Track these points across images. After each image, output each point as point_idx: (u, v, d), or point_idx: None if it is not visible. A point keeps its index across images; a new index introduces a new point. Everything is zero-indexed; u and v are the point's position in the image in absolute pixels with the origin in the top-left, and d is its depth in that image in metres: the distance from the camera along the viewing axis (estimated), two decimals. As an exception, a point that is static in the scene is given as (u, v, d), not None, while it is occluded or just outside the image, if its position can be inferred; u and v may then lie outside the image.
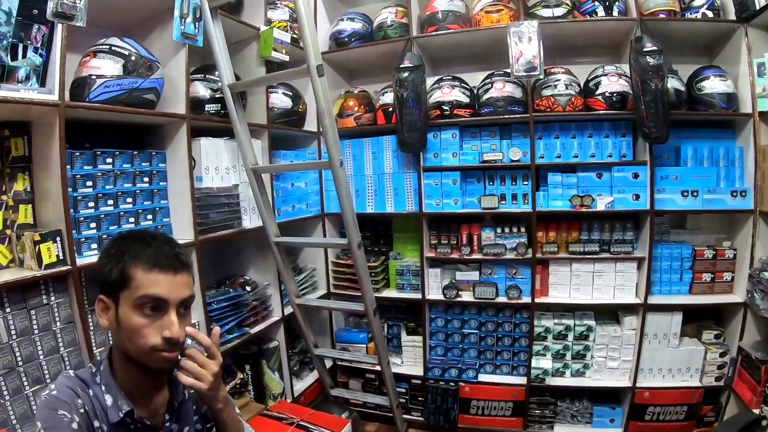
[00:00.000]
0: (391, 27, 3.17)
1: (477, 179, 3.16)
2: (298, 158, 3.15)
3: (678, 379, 2.98)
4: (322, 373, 3.00)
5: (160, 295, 1.17)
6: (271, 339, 2.93)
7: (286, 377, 2.98)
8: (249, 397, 2.69)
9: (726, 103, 2.81)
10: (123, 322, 1.16)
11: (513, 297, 3.04)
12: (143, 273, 1.16)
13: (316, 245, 3.45)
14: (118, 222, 2.01)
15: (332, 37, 3.33)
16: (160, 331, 1.17)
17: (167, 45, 2.24)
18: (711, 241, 3.13)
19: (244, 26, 2.68)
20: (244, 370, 2.72)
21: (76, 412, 1.12)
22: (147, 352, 1.16)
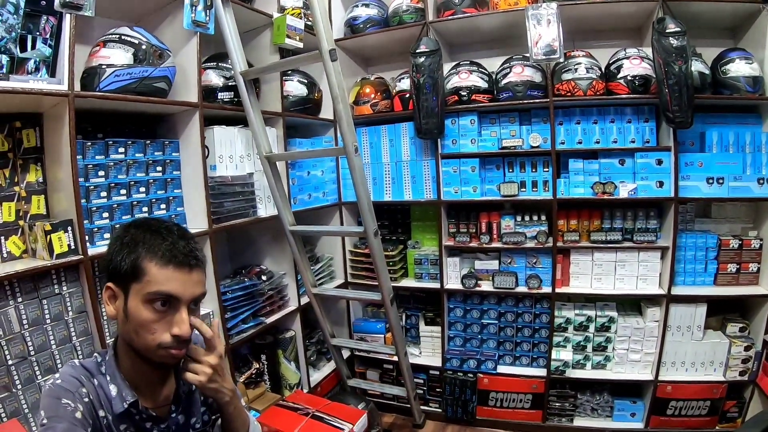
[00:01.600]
0: (406, 12, 3.13)
1: (496, 166, 3.14)
2: (313, 146, 3.13)
3: (701, 373, 2.92)
4: (339, 364, 2.99)
5: (173, 293, 1.15)
6: (288, 329, 2.94)
7: (303, 367, 2.99)
8: (265, 387, 2.70)
9: (752, 86, 2.71)
10: (131, 315, 1.14)
11: (533, 287, 3.00)
12: (157, 268, 1.14)
13: (331, 234, 3.44)
14: (131, 211, 2.03)
15: (347, 23, 3.30)
16: (169, 328, 1.15)
17: (178, 33, 2.23)
18: (737, 230, 3.04)
19: (257, 13, 2.66)
20: (260, 359, 2.72)
21: (80, 401, 1.11)
22: (153, 348, 1.15)
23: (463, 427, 3.23)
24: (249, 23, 2.70)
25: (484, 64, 3.15)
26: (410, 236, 3.52)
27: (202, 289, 1.23)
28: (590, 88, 2.78)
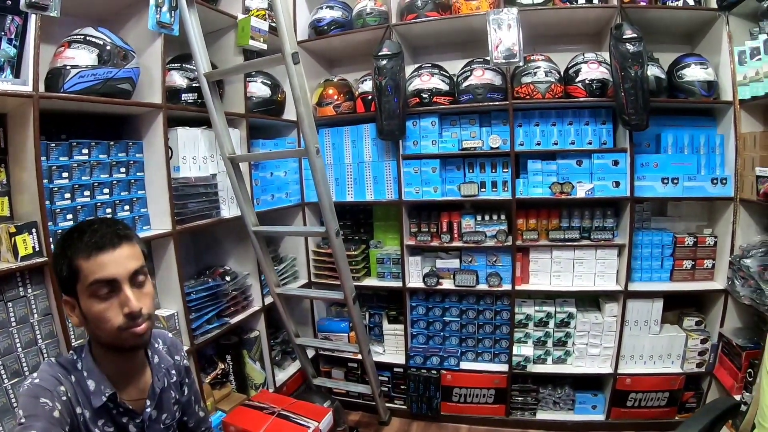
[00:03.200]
0: (370, 15, 3.19)
1: (457, 167, 3.21)
2: (277, 147, 3.18)
3: (659, 365, 3.08)
4: (304, 363, 3.05)
5: (108, 276, 1.19)
6: (252, 329, 2.98)
7: (268, 367, 3.04)
8: (231, 387, 2.75)
9: (707, 90, 2.89)
10: (87, 314, 1.20)
11: (493, 284, 3.11)
12: (85, 261, 1.19)
13: (293, 234, 3.48)
14: (95, 213, 2.04)
15: (311, 25, 3.35)
16: (120, 310, 1.20)
17: (143, 34, 2.25)
18: (692, 228, 3.22)
19: (222, 15, 2.70)
20: (226, 360, 2.77)
21: (59, 400, 1.15)
22: (116, 334, 1.20)
23: (429, 423, 3.32)
24: (213, 24, 2.73)
25: (445, 67, 3.22)
26: (372, 236, 3.58)
27: (138, 262, 1.26)
28: (549, 91, 2.90)
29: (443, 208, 3.29)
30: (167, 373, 1.46)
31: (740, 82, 2.84)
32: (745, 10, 2.79)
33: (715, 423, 1.77)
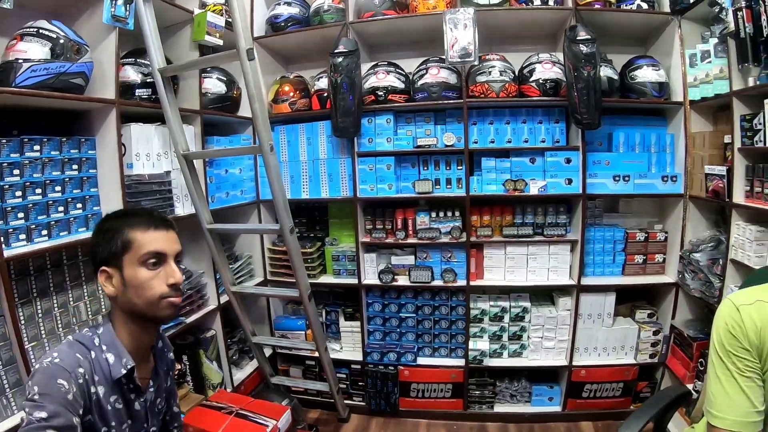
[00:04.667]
0: (327, 12, 3.25)
1: (411, 164, 3.31)
2: (232, 144, 3.21)
3: (613, 357, 3.25)
4: (261, 362, 3.12)
5: (160, 250, 1.41)
6: (208, 328, 3.01)
7: (225, 367, 3.07)
8: (188, 387, 2.76)
9: (658, 91, 3.06)
10: (130, 281, 1.37)
11: (448, 280, 3.21)
12: (142, 234, 1.39)
13: (248, 231, 3.52)
14: (47, 211, 2.03)
15: (269, 21, 3.38)
16: (165, 280, 1.40)
17: (97, 28, 2.25)
18: (643, 224, 3.40)
19: (178, 9, 2.72)
20: (182, 360, 2.78)
21: (75, 383, 1.23)
22: (156, 302, 1.39)
23: (388, 418, 3.40)
24: (169, 19, 2.74)
25: (402, 65, 3.31)
26: (328, 233, 3.65)
27: (180, 246, 1.49)
28: (503, 90, 3.01)
29: (398, 205, 3.37)
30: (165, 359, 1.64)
31: (691, 84, 3.01)
32: (696, 15, 2.95)
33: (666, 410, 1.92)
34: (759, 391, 1.27)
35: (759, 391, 1.27)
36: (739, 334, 1.28)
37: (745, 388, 1.26)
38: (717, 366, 1.33)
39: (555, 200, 3.23)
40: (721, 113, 2.93)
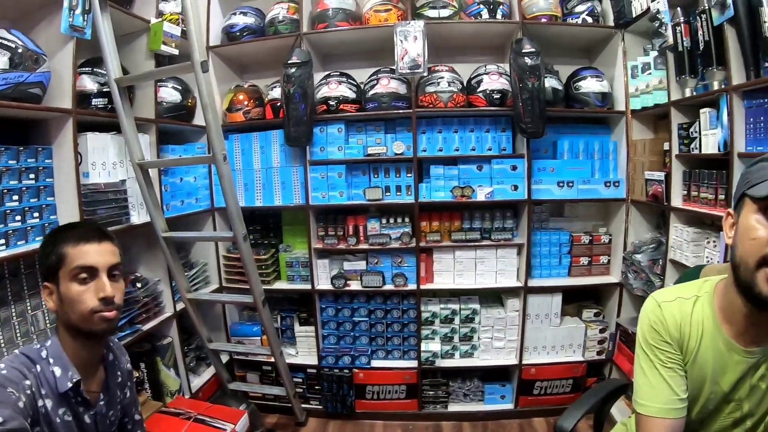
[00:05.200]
0: (282, 23, 3.35)
1: (362, 172, 3.42)
2: (186, 153, 3.25)
3: (562, 355, 3.47)
4: (218, 368, 3.19)
5: (90, 263, 1.43)
6: (165, 335, 3.03)
7: (182, 373, 3.10)
8: (146, 395, 2.78)
9: (601, 101, 3.28)
10: (65, 296, 1.41)
11: (399, 284, 3.38)
12: (72, 248, 1.43)
13: (203, 239, 3.56)
14: (5, 220, 2.04)
15: (224, 30, 3.46)
16: (96, 294, 1.42)
17: (54, 37, 2.27)
18: (588, 227, 3.64)
19: (135, 18, 2.76)
20: (140, 368, 2.80)
21: (23, 393, 1.28)
22: (88, 317, 1.41)
23: (345, 421, 3.52)
24: (125, 28, 2.75)
25: (355, 75, 3.45)
26: (282, 240, 3.73)
27: (117, 259, 1.51)
28: (451, 100, 3.18)
29: (349, 212, 3.49)
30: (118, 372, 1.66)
31: (632, 94, 3.25)
32: (638, 29, 3.19)
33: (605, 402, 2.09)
34: (681, 380, 1.38)
35: (681, 380, 1.38)
36: (661, 329, 1.40)
37: (667, 378, 1.37)
38: (642, 359, 1.44)
39: (502, 206, 3.40)
40: (661, 122, 3.17)
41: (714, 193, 2.52)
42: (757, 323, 1.25)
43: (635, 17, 3.10)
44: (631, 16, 3.14)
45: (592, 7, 3.32)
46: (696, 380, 1.38)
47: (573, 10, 3.35)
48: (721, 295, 1.34)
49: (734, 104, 2.34)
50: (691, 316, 1.38)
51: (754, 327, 1.27)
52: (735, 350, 1.30)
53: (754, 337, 1.28)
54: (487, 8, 3.24)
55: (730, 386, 1.33)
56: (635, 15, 3.10)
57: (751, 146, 2.33)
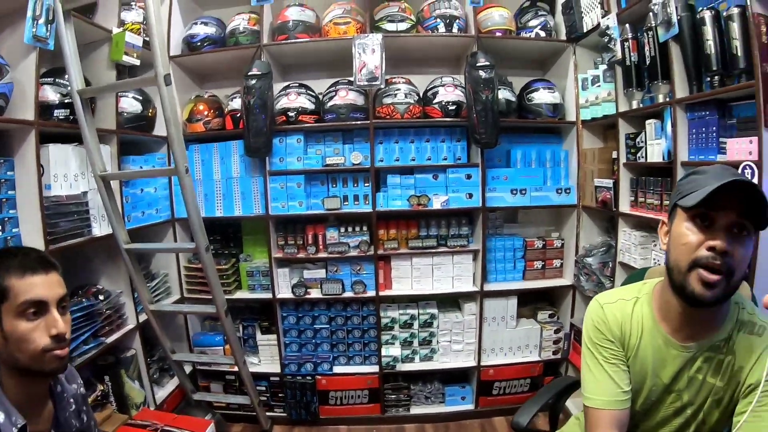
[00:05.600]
0: (243, 34, 3.44)
1: (321, 182, 3.54)
2: (147, 163, 3.27)
3: (519, 355, 3.66)
4: (182, 379, 3.23)
5: (39, 297, 1.32)
6: (128, 348, 3.06)
7: (147, 385, 3.13)
8: (111, 408, 2.78)
9: (552, 112, 3.49)
10: (9, 335, 1.29)
11: (359, 291, 3.50)
12: (17, 280, 1.31)
13: (165, 250, 3.60)
14: None
15: (185, 40, 3.52)
16: (47, 332, 1.31)
17: (17, 48, 2.29)
18: (541, 232, 3.84)
19: (96, 28, 2.78)
20: (104, 381, 2.81)
21: None
22: (39, 356, 1.31)
23: (309, 427, 3.62)
24: (87, 37, 2.78)
25: (314, 86, 3.57)
26: (242, 250, 3.80)
27: (64, 290, 1.41)
28: (407, 111, 3.33)
29: (308, 221, 3.59)
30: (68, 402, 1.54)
31: (583, 105, 3.46)
32: (589, 43, 3.41)
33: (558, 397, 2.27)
34: (624, 375, 1.52)
35: (624, 375, 1.52)
36: (604, 329, 1.55)
37: (611, 373, 1.50)
38: (587, 356, 1.59)
39: (457, 213, 3.57)
40: (610, 131, 3.37)
41: (659, 199, 2.73)
42: (691, 321, 1.40)
43: (586, 32, 3.31)
44: (582, 31, 3.34)
45: (545, 21, 3.53)
46: (638, 374, 1.52)
47: (527, 24, 3.56)
48: (658, 296, 1.50)
49: (677, 116, 2.55)
50: (631, 315, 1.53)
51: (688, 324, 1.41)
52: (672, 346, 1.45)
53: (689, 333, 1.43)
54: (443, 22, 3.39)
55: (670, 378, 1.47)
56: (586, 30, 3.30)
57: (693, 155, 2.54)
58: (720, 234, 1.25)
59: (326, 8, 3.54)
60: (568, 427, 1.98)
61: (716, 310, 1.38)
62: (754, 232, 1.28)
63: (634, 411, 1.55)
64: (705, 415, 1.47)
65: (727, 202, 1.24)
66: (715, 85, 2.36)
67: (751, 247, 1.29)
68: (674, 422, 1.52)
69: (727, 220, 1.25)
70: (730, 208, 1.25)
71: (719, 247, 1.24)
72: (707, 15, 2.31)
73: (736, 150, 2.24)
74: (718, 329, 1.41)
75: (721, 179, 1.23)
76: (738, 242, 1.25)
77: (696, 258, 1.27)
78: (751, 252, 1.29)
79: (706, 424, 1.47)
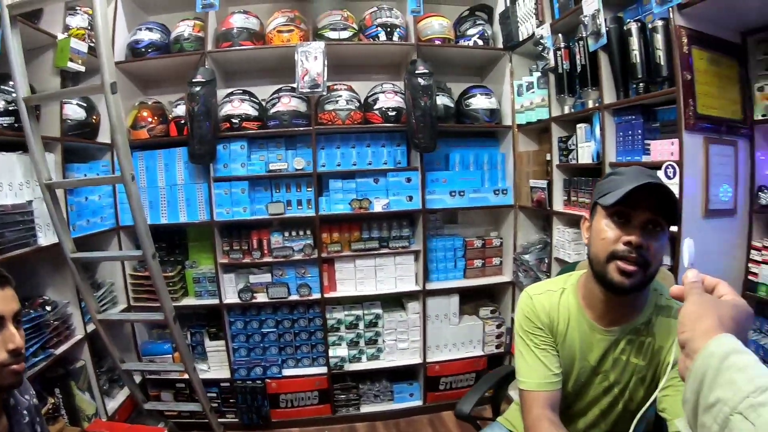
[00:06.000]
0: (187, 40, 3.51)
1: (264, 187, 3.63)
2: (92, 171, 3.27)
3: (463, 351, 3.87)
4: (132, 389, 3.23)
5: None
6: (77, 359, 3.06)
7: (97, 396, 3.14)
8: (63, 421, 2.75)
9: (489, 117, 3.70)
10: None
11: (304, 294, 3.65)
12: None
13: (111, 258, 3.58)
14: None
15: (129, 46, 3.55)
16: (4, 347, 1.31)
17: None
18: (480, 232, 4.07)
19: (41, 33, 2.77)
20: (55, 394, 2.79)
21: None
22: None
23: (261, 431, 3.73)
24: (31, 42, 2.72)
25: (257, 93, 3.68)
26: (188, 256, 3.87)
27: (18, 304, 1.40)
28: (348, 117, 3.49)
29: (253, 226, 3.68)
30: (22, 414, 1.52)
31: (518, 110, 3.70)
32: (525, 51, 3.66)
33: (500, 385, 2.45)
34: (554, 359, 1.65)
35: (554, 359, 1.65)
36: (533, 317, 1.69)
37: (542, 358, 1.64)
38: (520, 344, 1.74)
39: (398, 216, 3.75)
40: (544, 135, 3.61)
41: (590, 198, 2.90)
42: (613, 307, 1.57)
43: (522, 41, 3.54)
44: (518, 40, 3.57)
45: (483, 30, 3.75)
46: (567, 357, 1.68)
47: (465, 33, 3.77)
48: (583, 286, 1.67)
49: (606, 120, 2.80)
50: (558, 304, 1.69)
51: (611, 310, 1.58)
52: (597, 331, 1.62)
53: (612, 318, 1.59)
54: (384, 31, 3.56)
55: (597, 360, 1.63)
56: (522, 39, 3.53)
57: (620, 156, 2.80)
58: (636, 230, 1.42)
59: (270, 16, 3.65)
60: (509, 413, 2.12)
61: (635, 297, 1.54)
62: (667, 227, 1.45)
63: (567, 392, 1.71)
64: (631, 393, 1.63)
65: (643, 201, 1.40)
66: (640, 91, 2.62)
67: (665, 240, 1.46)
68: (603, 401, 1.69)
69: (642, 218, 1.42)
70: (645, 206, 1.41)
71: (634, 241, 1.40)
72: (634, 27, 2.56)
73: (659, 151, 2.50)
74: (638, 314, 1.58)
75: (637, 181, 1.38)
76: (652, 237, 1.42)
77: (614, 251, 1.43)
78: (665, 245, 1.47)
79: (633, 401, 1.63)
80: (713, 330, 0.81)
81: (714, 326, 0.81)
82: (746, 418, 0.66)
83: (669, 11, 2.34)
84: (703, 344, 0.78)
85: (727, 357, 0.74)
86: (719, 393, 0.71)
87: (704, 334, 0.80)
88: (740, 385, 0.69)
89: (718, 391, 0.72)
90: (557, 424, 1.58)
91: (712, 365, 0.74)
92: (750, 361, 0.73)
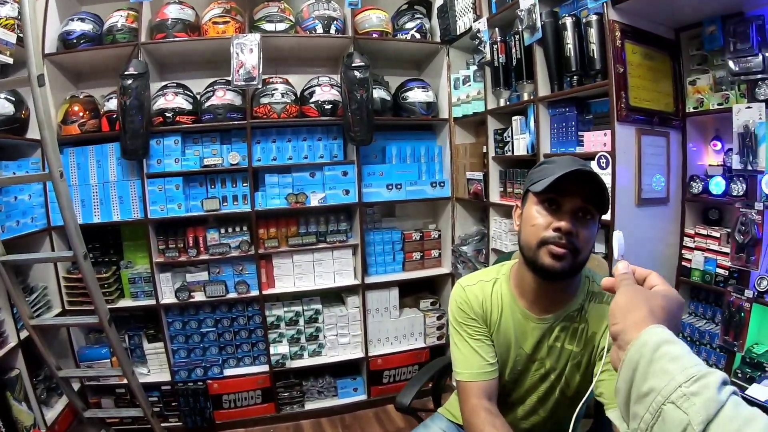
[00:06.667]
0: (120, 31, 3.49)
1: (199, 183, 3.67)
2: (21, 169, 3.21)
3: (405, 343, 4.02)
4: (71, 397, 3.18)
5: None
6: (12, 367, 3.01)
7: (35, 406, 3.09)
8: None
9: (426, 110, 3.84)
10: None
11: (242, 292, 3.69)
12: None
13: (43, 260, 3.48)
14: None
15: (61, 37, 3.49)
16: None
17: None
18: (419, 224, 4.22)
19: None
20: None
21: None
22: None
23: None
24: None
25: (192, 85, 3.70)
26: (123, 256, 3.81)
27: None
28: (284, 111, 3.56)
29: (189, 223, 3.70)
30: None
31: (455, 103, 3.85)
32: (462, 45, 3.81)
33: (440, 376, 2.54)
34: (489, 348, 1.71)
35: (489, 348, 1.71)
36: (467, 308, 1.74)
37: (476, 348, 1.70)
38: (454, 335, 1.81)
39: (335, 210, 3.86)
40: (480, 127, 3.76)
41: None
42: (545, 294, 1.64)
43: (459, 34, 3.68)
44: (455, 34, 3.71)
45: (421, 24, 3.88)
46: (502, 346, 1.73)
47: (403, 26, 3.90)
48: (515, 275, 1.75)
49: (540, 113, 2.96)
50: (491, 294, 1.75)
51: (543, 298, 1.65)
52: (530, 319, 1.68)
53: (545, 306, 1.66)
54: (321, 23, 3.65)
55: (532, 348, 1.69)
56: (459, 33, 3.67)
57: (555, 148, 2.95)
58: (566, 217, 1.47)
59: (206, 7, 3.69)
60: (449, 403, 2.18)
61: (567, 283, 1.62)
62: (598, 215, 1.54)
63: (504, 381, 1.77)
64: (568, 379, 1.69)
65: (573, 189, 1.46)
66: (574, 84, 2.77)
67: (595, 228, 1.55)
68: (541, 388, 1.76)
69: (573, 205, 1.47)
70: (576, 194, 1.46)
71: (564, 227, 1.45)
72: (569, 21, 2.71)
73: (592, 142, 2.65)
74: (571, 301, 1.65)
75: (567, 168, 1.43)
76: (582, 224, 1.48)
77: (544, 237, 1.48)
78: (595, 233, 1.55)
79: (570, 386, 1.70)
80: (645, 321, 0.87)
81: (645, 317, 0.88)
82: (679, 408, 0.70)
83: (603, 6, 2.49)
84: (635, 335, 0.84)
85: (659, 347, 0.79)
86: (652, 382, 0.76)
87: (636, 326, 0.87)
88: (673, 374, 0.74)
89: (651, 380, 0.76)
90: (494, 413, 1.65)
91: (645, 355, 0.79)
92: (682, 352, 0.78)
